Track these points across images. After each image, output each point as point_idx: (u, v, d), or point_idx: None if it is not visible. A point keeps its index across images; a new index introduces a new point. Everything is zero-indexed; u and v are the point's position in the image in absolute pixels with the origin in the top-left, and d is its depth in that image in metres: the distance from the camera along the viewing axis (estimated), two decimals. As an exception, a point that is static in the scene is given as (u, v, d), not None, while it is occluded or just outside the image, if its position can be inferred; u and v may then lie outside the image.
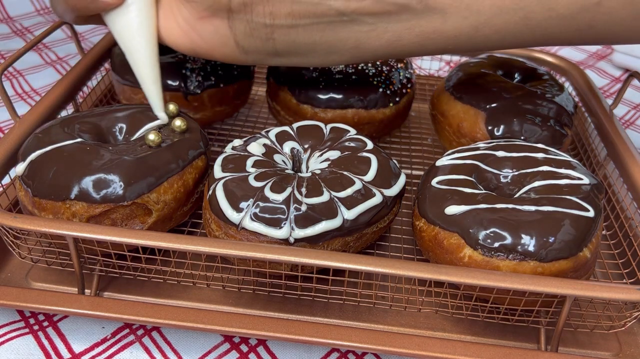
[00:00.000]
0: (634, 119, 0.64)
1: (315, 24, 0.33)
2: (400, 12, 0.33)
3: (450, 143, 0.48)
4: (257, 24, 0.33)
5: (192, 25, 0.35)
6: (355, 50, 0.35)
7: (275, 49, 0.35)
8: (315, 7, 0.33)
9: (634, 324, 0.37)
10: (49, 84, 0.63)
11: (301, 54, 0.36)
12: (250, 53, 0.36)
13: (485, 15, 0.32)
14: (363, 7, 0.32)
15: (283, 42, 0.34)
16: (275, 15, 0.33)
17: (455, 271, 0.31)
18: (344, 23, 0.33)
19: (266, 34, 0.34)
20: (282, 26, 0.34)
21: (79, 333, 0.35)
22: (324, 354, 0.35)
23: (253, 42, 0.35)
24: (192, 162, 0.38)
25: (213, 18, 0.34)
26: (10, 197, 0.40)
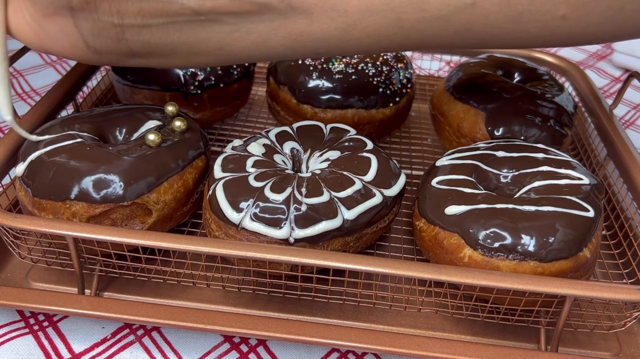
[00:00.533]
0: (634, 119, 0.64)
1: (170, 23, 0.31)
2: (262, 12, 0.31)
3: (450, 143, 0.48)
4: (105, 22, 0.31)
5: (38, 23, 0.32)
6: (220, 52, 0.33)
7: (130, 50, 0.32)
8: (166, 6, 0.30)
9: (634, 324, 0.37)
10: (49, 84, 0.63)
11: (161, 55, 0.33)
12: (103, 54, 0.33)
13: (354, 17, 0.30)
14: (220, 6, 0.30)
15: (137, 42, 0.32)
16: (123, 13, 0.31)
17: (455, 271, 0.31)
18: (202, 23, 0.31)
19: (116, 34, 0.31)
20: (132, 25, 0.31)
21: (79, 333, 0.35)
22: (324, 354, 0.35)
23: (104, 42, 0.32)
24: (192, 162, 0.38)
25: (57, 16, 0.31)
26: (10, 197, 0.40)
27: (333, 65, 0.48)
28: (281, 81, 0.49)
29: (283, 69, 0.49)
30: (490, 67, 0.49)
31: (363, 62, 0.48)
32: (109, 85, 0.54)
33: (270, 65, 0.52)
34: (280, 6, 0.30)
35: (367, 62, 0.48)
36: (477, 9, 0.29)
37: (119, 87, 0.49)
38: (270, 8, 0.30)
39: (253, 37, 0.32)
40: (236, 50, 0.32)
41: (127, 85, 0.48)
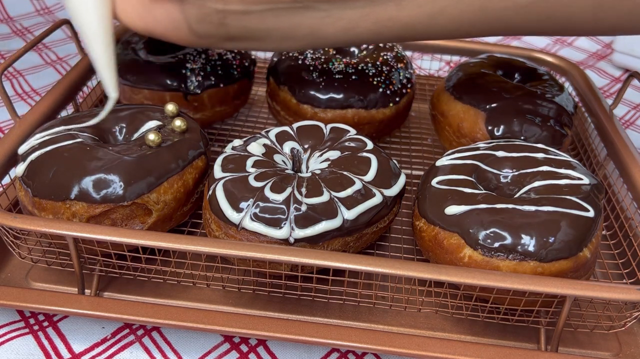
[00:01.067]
0: (634, 119, 0.64)
1: (268, 10, 0.33)
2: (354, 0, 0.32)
3: (450, 143, 0.48)
4: (210, 9, 0.33)
5: (145, 7, 0.34)
6: (311, 37, 0.35)
7: (229, 34, 0.35)
8: None
9: (634, 324, 0.37)
10: (49, 84, 0.63)
11: (256, 39, 0.35)
12: (203, 37, 0.35)
13: (441, 4, 0.32)
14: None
15: (236, 27, 0.34)
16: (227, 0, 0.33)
17: (455, 271, 0.31)
18: (298, 9, 0.33)
19: (219, 19, 0.34)
20: (234, 12, 0.33)
21: (79, 333, 0.35)
22: (324, 354, 0.35)
23: (206, 27, 0.34)
24: (192, 162, 0.38)
25: (165, 2, 0.33)
26: (10, 197, 0.40)
27: (333, 65, 0.48)
28: (281, 81, 0.49)
29: (283, 69, 0.49)
30: (490, 67, 0.49)
31: (363, 62, 0.48)
32: (109, 85, 0.54)
33: (270, 65, 0.52)
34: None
35: (367, 62, 0.48)
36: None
37: (119, 87, 0.49)
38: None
39: (343, 22, 0.33)
40: (326, 35, 0.34)
41: (127, 85, 0.48)
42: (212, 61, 0.48)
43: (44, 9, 0.80)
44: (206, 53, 0.48)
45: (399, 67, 0.49)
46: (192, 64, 0.47)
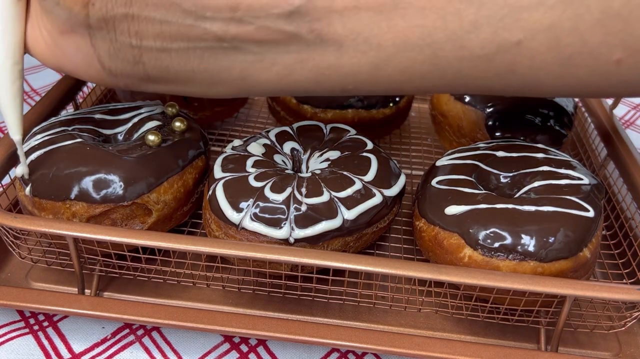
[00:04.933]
0: (634, 119, 0.64)
1: (191, 48, 0.29)
2: (289, 42, 0.28)
3: (450, 143, 0.48)
4: (122, 43, 0.29)
5: (54, 40, 0.31)
6: (242, 83, 0.31)
7: (147, 74, 0.31)
8: (188, 30, 0.28)
9: (634, 324, 0.37)
10: (49, 84, 0.63)
11: (179, 82, 0.31)
12: (118, 76, 0.31)
13: (387, 52, 0.28)
14: (245, 33, 0.28)
15: (155, 67, 0.30)
16: (142, 35, 0.29)
17: (455, 271, 0.31)
18: (225, 50, 0.29)
19: (134, 57, 0.30)
20: (151, 48, 0.29)
21: (79, 333, 0.35)
22: (324, 354, 0.35)
23: (120, 65, 0.30)
24: (192, 162, 0.38)
25: (73, 34, 0.30)
26: (10, 197, 0.40)
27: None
28: (281, 81, 0.49)
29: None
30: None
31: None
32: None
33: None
34: (308, 36, 0.28)
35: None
36: (523, 49, 0.27)
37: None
38: (298, 38, 0.28)
39: (277, 68, 0.30)
40: (259, 81, 0.30)
41: (127, 85, 0.48)
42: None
43: (44, 9, 0.80)
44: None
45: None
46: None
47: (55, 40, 0.31)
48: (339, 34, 0.28)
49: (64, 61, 0.32)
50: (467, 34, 0.27)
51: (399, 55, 0.28)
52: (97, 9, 0.28)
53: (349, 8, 0.27)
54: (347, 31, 0.28)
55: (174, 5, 0.28)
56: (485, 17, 0.26)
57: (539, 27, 0.26)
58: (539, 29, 0.26)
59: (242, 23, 0.28)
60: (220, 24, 0.28)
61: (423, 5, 0.26)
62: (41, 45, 0.32)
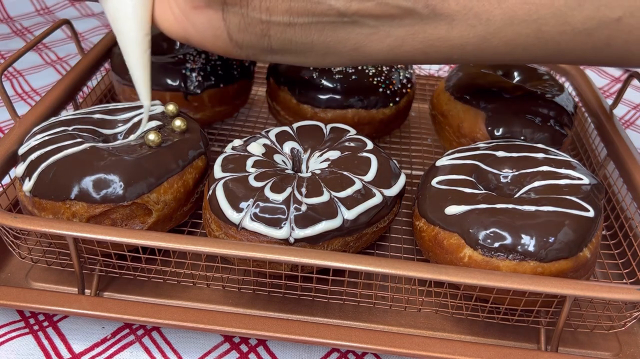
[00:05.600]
0: (634, 119, 0.64)
1: (313, 23, 0.32)
2: (404, 17, 0.31)
3: (450, 143, 0.48)
4: (253, 19, 0.32)
5: (185, 14, 0.33)
6: (355, 53, 0.33)
7: (271, 46, 0.33)
8: (314, 6, 0.31)
9: (634, 324, 0.37)
10: (49, 84, 0.63)
11: (297, 53, 0.34)
12: (243, 48, 0.34)
13: (495, 25, 0.30)
14: (365, 8, 0.31)
15: (279, 39, 0.33)
16: (272, 11, 0.31)
17: (455, 271, 0.31)
18: (344, 24, 0.32)
19: (261, 30, 0.32)
20: (278, 23, 0.32)
21: (79, 333, 0.35)
22: (324, 354, 0.35)
23: (247, 37, 0.33)
24: (192, 162, 0.38)
25: (207, 9, 0.32)
26: (10, 197, 0.40)
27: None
28: (281, 81, 0.49)
29: (283, 69, 0.49)
30: (490, 67, 0.49)
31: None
32: (109, 85, 0.54)
33: (270, 65, 0.52)
34: (423, 11, 0.30)
35: (367, 62, 0.48)
36: (622, 24, 0.29)
37: (119, 87, 0.49)
38: (414, 12, 0.30)
39: (390, 40, 0.32)
40: (371, 52, 0.33)
41: (127, 85, 0.48)
42: (212, 61, 0.48)
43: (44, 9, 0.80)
44: (206, 53, 0.48)
45: (398, 67, 0.49)
46: (192, 64, 0.47)
47: (187, 14, 0.33)
48: (452, 9, 0.30)
49: (193, 33, 0.34)
50: (571, 11, 0.29)
51: (506, 29, 0.30)
52: None
53: None
54: (460, 6, 0.30)
55: None
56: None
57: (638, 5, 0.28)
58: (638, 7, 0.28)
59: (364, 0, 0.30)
60: (344, 1, 0.31)
61: None
62: (170, 19, 0.34)
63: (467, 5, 0.30)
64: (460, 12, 0.30)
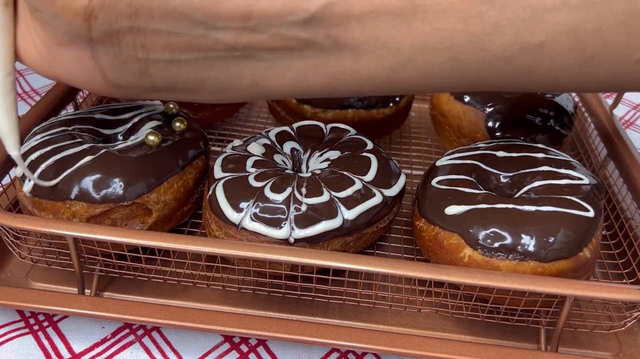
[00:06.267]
0: (634, 119, 0.64)
1: (200, 59, 0.28)
2: (303, 49, 0.27)
3: (450, 143, 0.48)
4: (127, 56, 0.28)
5: (50, 51, 0.29)
6: (254, 89, 0.30)
7: (154, 85, 0.29)
8: (198, 40, 0.27)
9: (634, 324, 0.37)
10: (49, 84, 0.63)
11: (187, 91, 0.30)
12: (122, 88, 0.30)
13: (406, 55, 0.27)
14: (258, 41, 0.27)
15: (162, 78, 0.29)
16: (148, 48, 0.27)
17: (455, 271, 0.31)
18: (237, 59, 0.28)
19: (139, 69, 0.28)
20: (158, 60, 0.28)
21: (79, 333, 0.35)
22: (324, 354, 0.35)
23: (124, 77, 0.29)
24: (192, 162, 0.38)
25: (72, 46, 0.28)
26: (10, 197, 0.40)
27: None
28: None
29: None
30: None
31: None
32: (109, 85, 0.54)
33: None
34: (325, 42, 0.27)
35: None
36: (544, 50, 0.26)
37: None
38: (314, 44, 0.27)
39: (291, 74, 0.29)
40: (271, 87, 0.29)
41: (127, 85, 0.48)
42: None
43: (44, 9, 0.80)
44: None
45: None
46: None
47: (52, 51, 0.29)
48: (357, 39, 0.27)
49: (61, 71, 0.30)
50: (488, 37, 0.26)
51: (418, 59, 0.27)
52: (100, 23, 0.27)
53: (367, 13, 0.26)
54: (365, 36, 0.27)
55: (183, 16, 0.26)
56: (507, 19, 0.26)
57: (561, 29, 0.26)
58: (562, 31, 0.26)
59: (255, 32, 0.27)
60: (232, 34, 0.27)
61: (444, 8, 0.26)
62: (34, 55, 0.30)
63: (373, 34, 0.27)
64: (366, 43, 0.27)
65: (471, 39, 0.26)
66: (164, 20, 0.27)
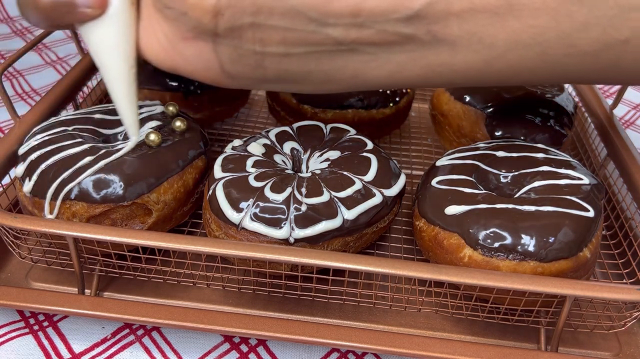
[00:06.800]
0: (634, 119, 0.64)
1: (310, 52, 0.30)
2: (404, 43, 0.30)
3: (450, 143, 0.48)
4: (246, 50, 0.30)
5: (173, 45, 0.31)
6: (354, 80, 0.32)
7: (266, 77, 0.32)
8: (310, 35, 0.30)
9: (634, 324, 0.37)
10: (49, 84, 0.63)
11: (294, 82, 0.33)
12: (236, 79, 0.32)
13: (499, 50, 0.29)
14: (364, 37, 0.29)
15: (274, 70, 0.31)
16: (266, 42, 0.30)
17: (455, 271, 0.31)
18: (342, 52, 0.30)
19: (255, 61, 0.31)
20: (273, 54, 0.30)
21: (79, 333, 0.35)
22: (324, 354, 0.35)
23: (240, 69, 0.31)
24: (192, 162, 0.38)
25: (197, 40, 0.31)
26: (10, 197, 0.40)
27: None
28: (281, 81, 0.49)
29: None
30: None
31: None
32: (109, 85, 0.54)
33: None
34: (424, 37, 0.29)
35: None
36: (629, 46, 0.28)
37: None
38: (415, 39, 0.29)
39: (390, 66, 0.31)
40: (370, 78, 0.32)
41: (127, 85, 0.48)
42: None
43: (44, 9, 0.80)
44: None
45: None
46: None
47: (175, 45, 0.31)
48: (455, 35, 0.29)
49: (181, 64, 0.32)
50: (577, 33, 0.28)
51: (510, 53, 0.29)
52: (226, 20, 0.29)
53: (465, 10, 0.28)
54: (462, 32, 0.29)
55: (299, 14, 0.29)
56: (595, 17, 0.27)
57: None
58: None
59: (362, 28, 0.29)
60: (341, 30, 0.29)
61: (537, 7, 0.28)
62: (156, 49, 0.32)
63: (470, 30, 0.29)
64: (463, 37, 0.29)
65: (561, 35, 0.28)
66: (282, 17, 0.29)
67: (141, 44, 0.33)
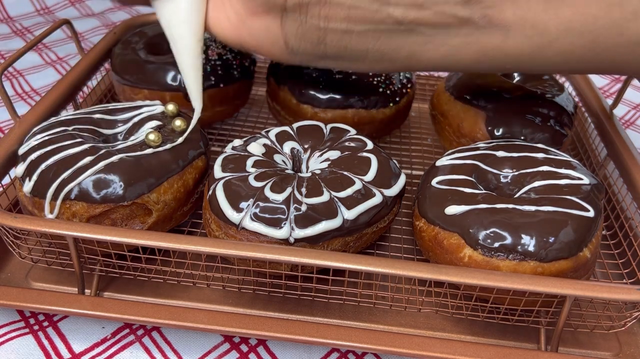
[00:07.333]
0: (634, 119, 0.64)
1: (370, 30, 0.32)
2: (460, 26, 0.31)
3: (450, 143, 0.48)
4: (311, 25, 0.32)
5: (242, 20, 0.33)
6: (408, 61, 0.33)
7: (326, 53, 0.34)
8: (373, 14, 0.31)
9: (634, 324, 0.37)
10: (49, 84, 0.63)
11: (351, 60, 0.34)
12: (298, 54, 0.34)
13: (551, 36, 0.30)
14: (422, 17, 0.31)
15: (335, 46, 0.33)
16: (330, 18, 0.32)
17: (455, 271, 0.31)
18: (401, 32, 0.32)
19: (318, 37, 0.33)
20: (336, 30, 0.32)
21: (79, 333, 0.35)
22: (324, 354, 0.35)
23: (303, 44, 0.33)
24: (192, 162, 0.38)
25: (266, 15, 0.33)
26: (10, 197, 0.40)
27: (333, 65, 0.48)
28: (281, 81, 0.49)
29: (283, 69, 0.49)
30: (490, 67, 0.49)
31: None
32: (109, 85, 0.54)
33: (270, 65, 0.52)
34: (480, 21, 0.30)
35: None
36: None
37: (119, 87, 0.49)
38: (470, 22, 0.31)
39: (445, 48, 0.32)
40: (424, 59, 0.33)
41: (127, 85, 0.48)
42: (212, 61, 0.48)
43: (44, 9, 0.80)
44: (206, 53, 0.48)
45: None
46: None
47: (244, 20, 0.33)
48: (509, 20, 0.30)
49: (248, 39, 0.34)
50: (626, 22, 0.29)
51: (561, 40, 0.30)
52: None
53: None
54: (516, 17, 0.30)
55: None
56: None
57: None
58: None
59: (421, 8, 0.31)
60: (402, 9, 0.31)
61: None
62: (224, 24, 0.34)
63: (524, 16, 0.30)
64: (517, 23, 0.30)
65: (611, 24, 0.29)
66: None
67: (209, 20, 0.35)
